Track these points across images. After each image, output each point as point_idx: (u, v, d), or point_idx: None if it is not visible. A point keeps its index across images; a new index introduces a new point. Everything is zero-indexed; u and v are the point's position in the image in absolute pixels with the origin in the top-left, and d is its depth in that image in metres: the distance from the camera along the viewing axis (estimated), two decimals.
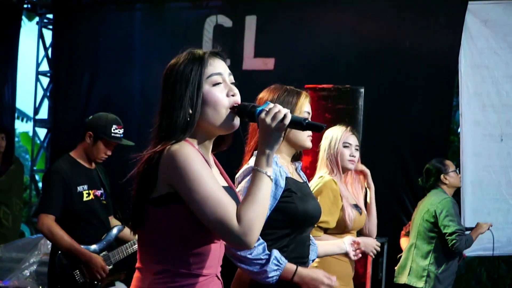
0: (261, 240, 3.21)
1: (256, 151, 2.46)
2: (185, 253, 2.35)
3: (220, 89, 2.42)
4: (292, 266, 3.28)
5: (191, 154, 2.28)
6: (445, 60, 7.67)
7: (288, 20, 8.46)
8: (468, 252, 7.07)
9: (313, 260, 3.73)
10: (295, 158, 3.61)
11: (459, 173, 6.23)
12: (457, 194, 6.72)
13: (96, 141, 5.06)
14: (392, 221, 7.46)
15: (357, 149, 4.78)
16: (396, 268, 6.25)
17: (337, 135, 4.73)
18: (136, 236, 2.46)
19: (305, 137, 3.45)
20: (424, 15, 7.91)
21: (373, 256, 4.74)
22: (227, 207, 2.24)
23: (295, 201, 3.28)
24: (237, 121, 2.44)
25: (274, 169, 3.26)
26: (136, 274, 2.44)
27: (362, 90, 6.54)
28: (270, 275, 3.19)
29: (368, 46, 8.02)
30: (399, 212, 7.64)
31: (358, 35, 8.05)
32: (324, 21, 8.23)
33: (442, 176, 6.11)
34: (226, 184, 2.61)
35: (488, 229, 6.18)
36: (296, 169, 3.58)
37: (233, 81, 2.49)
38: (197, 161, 2.28)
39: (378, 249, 4.67)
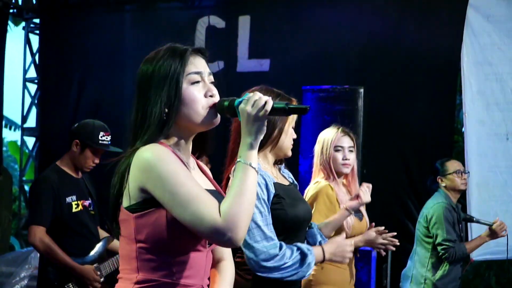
0: (280, 243, 3.18)
1: None
2: (167, 262, 2.30)
3: (198, 88, 2.39)
4: (318, 249, 3.34)
5: (163, 154, 2.24)
6: (447, 58, 7.64)
7: (283, 19, 8.43)
8: (475, 256, 7.02)
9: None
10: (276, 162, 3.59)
11: (464, 175, 6.14)
12: (463, 197, 6.67)
13: (84, 149, 5.03)
14: (395, 226, 7.40)
15: (351, 151, 4.71)
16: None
17: (328, 139, 4.67)
18: None
19: (289, 145, 3.46)
20: (424, 11, 7.87)
21: (382, 249, 4.62)
22: (206, 203, 2.18)
23: (285, 208, 3.26)
24: (218, 117, 2.41)
25: (263, 175, 3.24)
26: (117, 284, 2.40)
27: (362, 90, 6.52)
28: (312, 266, 3.25)
29: (367, 45, 7.99)
30: (402, 217, 7.59)
31: (356, 33, 8.02)
32: (321, 19, 8.20)
33: (438, 178, 6.08)
34: (212, 188, 2.55)
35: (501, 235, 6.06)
36: (279, 170, 3.57)
37: (213, 80, 2.45)
38: (170, 161, 2.23)
39: (386, 241, 4.57)
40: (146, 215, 2.26)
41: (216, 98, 2.41)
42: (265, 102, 2.28)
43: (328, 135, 4.69)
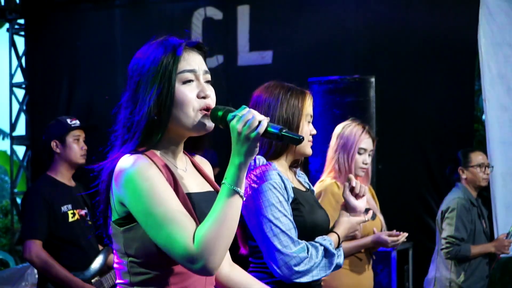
0: (305, 244, 3.14)
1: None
2: (161, 275, 2.27)
3: (191, 88, 2.33)
4: (334, 236, 3.29)
5: (142, 169, 2.19)
6: (462, 40, 7.59)
7: (284, 7, 8.38)
8: None
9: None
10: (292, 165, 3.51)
11: (487, 169, 6.06)
12: (486, 189, 6.62)
13: (64, 142, 5.07)
14: (416, 224, 7.38)
15: (370, 155, 4.66)
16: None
17: (354, 138, 4.58)
18: None
19: (306, 143, 3.34)
20: None
21: (396, 245, 4.56)
22: (181, 227, 2.14)
23: (303, 214, 3.21)
24: (209, 123, 2.34)
25: (281, 176, 3.19)
26: None
27: (373, 79, 6.47)
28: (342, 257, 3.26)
29: (375, 30, 7.93)
30: (423, 214, 7.55)
31: (363, 18, 7.97)
32: (325, 5, 8.15)
33: (459, 169, 6.02)
34: (209, 189, 2.51)
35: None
36: (295, 174, 3.49)
37: (209, 79, 2.39)
38: (148, 177, 2.19)
39: (398, 238, 4.48)
40: (133, 229, 2.24)
41: (210, 100, 2.35)
42: (259, 123, 2.18)
43: (354, 132, 4.60)
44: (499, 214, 7.10)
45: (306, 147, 3.36)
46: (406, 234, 4.52)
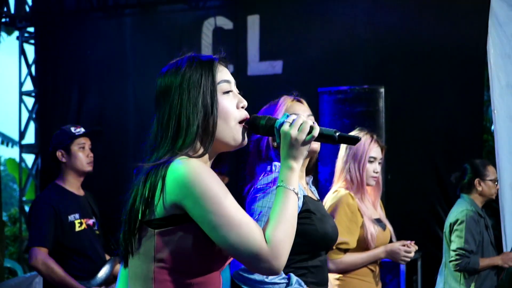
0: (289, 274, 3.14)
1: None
2: (186, 283, 2.27)
3: (230, 98, 2.39)
4: None
5: (205, 171, 2.20)
6: (472, 51, 7.59)
7: (294, 17, 8.41)
8: None
9: None
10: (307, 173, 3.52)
11: (497, 183, 6.07)
12: (495, 200, 6.61)
13: (69, 151, 5.11)
14: (425, 234, 7.38)
15: (380, 163, 4.68)
16: None
17: (363, 147, 4.60)
18: None
19: None
20: (445, 2, 7.84)
21: (404, 262, 4.59)
22: (252, 228, 2.18)
23: (315, 223, 3.22)
24: (247, 136, 2.41)
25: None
26: None
27: (382, 90, 6.50)
28: None
29: (385, 40, 7.95)
30: (432, 224, 7.54)
31: (373, 28, 7.99)
32: (335, 15, 8.18)
33: (476, 181, 6.00)
34: None
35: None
36: (307, 184, 3.51)
37: (238, 91, 2.45)
38: (213, 179, 2.20)
39: (410, 252, 4.50)
40: (171, 232, 2.23)
41: (246, 111, 2.41)
42: (311, 127, 2.31)
43: (362, 142, 4.59)
44: (507, 225, 7.09)
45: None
46: (416, 246, 4.54)
